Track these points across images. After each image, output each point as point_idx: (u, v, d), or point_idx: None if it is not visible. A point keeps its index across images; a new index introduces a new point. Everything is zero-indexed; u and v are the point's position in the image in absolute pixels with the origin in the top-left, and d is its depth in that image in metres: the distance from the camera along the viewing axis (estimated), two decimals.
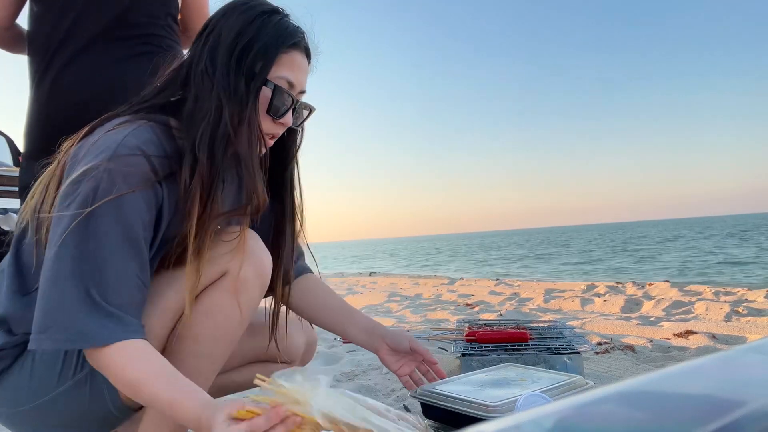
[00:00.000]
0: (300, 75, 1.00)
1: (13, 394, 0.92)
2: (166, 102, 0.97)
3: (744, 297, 4.30)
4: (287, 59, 0.97)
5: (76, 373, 0.91)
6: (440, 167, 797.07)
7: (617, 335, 2.79)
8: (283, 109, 0.99)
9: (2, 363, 0.92)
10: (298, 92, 1.02)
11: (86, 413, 0.94)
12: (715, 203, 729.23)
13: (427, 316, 4.08)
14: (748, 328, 2.73)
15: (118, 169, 0.84)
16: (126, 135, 0.87)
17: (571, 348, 1.69)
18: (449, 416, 1.18)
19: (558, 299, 4.74)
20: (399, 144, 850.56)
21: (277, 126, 1.01)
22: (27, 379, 0.92)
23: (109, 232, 0.83)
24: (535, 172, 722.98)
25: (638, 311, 3.98)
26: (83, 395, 0.92)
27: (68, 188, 0.84)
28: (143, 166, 0.87)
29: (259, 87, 0.95)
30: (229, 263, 0.95)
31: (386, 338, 1.23)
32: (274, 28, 0.96)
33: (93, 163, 0.84)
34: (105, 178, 0.83)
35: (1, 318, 0.93)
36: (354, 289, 7.02)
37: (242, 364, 1.28)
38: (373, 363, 2.20)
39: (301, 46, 1.00)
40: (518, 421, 0.28)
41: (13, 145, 4.11)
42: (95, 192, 0.83)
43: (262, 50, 0.95)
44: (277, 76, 0.97)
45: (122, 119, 0.92)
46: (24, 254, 0.95)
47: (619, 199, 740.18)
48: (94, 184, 0.83)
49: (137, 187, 0.85)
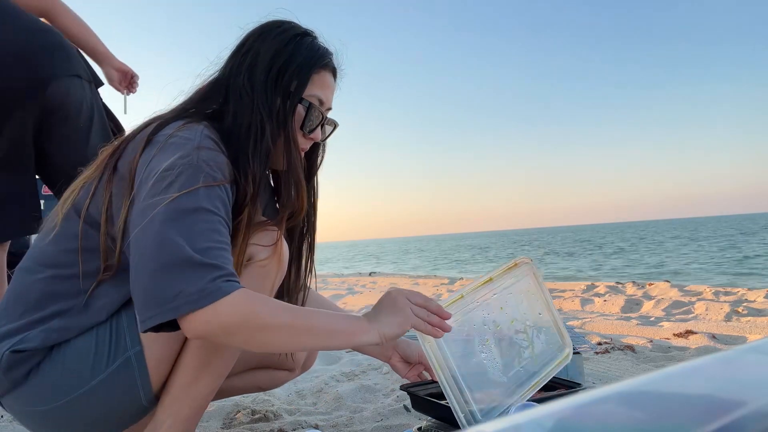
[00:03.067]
0: (328, 93, 1.09)
1: (45, 391, 0.93)
2: (207, 111, 1.02)
3: (744, 297, 4.30)
4: (318, 79, 1.06)
5: (109, 364, 0.92)
6: (441, 167, 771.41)
7: (617, 335, 2.79)
8: (315, 125, 1.07)
9: (35, 359, 0.92)
10: (326, 109, 1.09)
11: (118, 405, 0.95)
12: (717, 203, 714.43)
13: None
14: (748, 328, 2.73)
15: (207, 158, 0.88)
16: (202, 129, 0.92)
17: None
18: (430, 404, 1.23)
19: (558, 299, 4.74)
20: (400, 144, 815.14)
21: (307, 141, 1.08)
22: (59, 374, 0.92)
23: (206, 209, 0.85)
24: (535, 172, 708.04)
25: (638, 311, 3.98)
26: (117, 386, 0.93)
27: (161, 174, 0.86)
28: (226, 161, 0.92)
29: (296, 105, 1.03)
30: (258, 251, 0.99)
31: (398, 348, 1.30)
32: (308, 50, 1.04)
33: (183, 151, 0.88)
34: (196, 164, 0.87)
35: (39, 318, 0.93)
36: (354, 289, 7.01)
37: (244, 370, 1.28)
38: (373, 363, 2.20)
39: (330, 66, 1.08)
40: (518, 421, 0.28)
41: None
42: (189, 174, 0.86)
43: (297, 71, 1.02)
44: (310, 94, 1.05)
45: (182, 121, 0.95)
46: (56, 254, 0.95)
47: (621, 200, 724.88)
48: (187, 167, 0.86)
49: (225, 180, 0.90)
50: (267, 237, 1.00)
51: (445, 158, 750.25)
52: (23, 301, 0.93)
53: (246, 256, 0.97)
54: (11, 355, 0.90)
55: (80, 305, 0.93)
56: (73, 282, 0.93)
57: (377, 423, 1.44)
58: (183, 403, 0.96)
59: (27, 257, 0.98)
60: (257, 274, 0.99)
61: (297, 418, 1.51)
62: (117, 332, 0.93)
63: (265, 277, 1.01)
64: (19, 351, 0.90)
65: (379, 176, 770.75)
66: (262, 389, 1.37)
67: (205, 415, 1.53)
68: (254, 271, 0.99)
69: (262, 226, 1.01)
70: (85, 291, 0.93)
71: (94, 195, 0.94)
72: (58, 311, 0.92)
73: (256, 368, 1.31)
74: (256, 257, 0.99)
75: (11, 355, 0.90)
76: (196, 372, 0.96)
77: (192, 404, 0.97)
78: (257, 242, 0.99)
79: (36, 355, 0.92)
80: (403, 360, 1.29)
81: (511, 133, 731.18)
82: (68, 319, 0.92)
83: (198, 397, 0.97)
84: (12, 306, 0.94)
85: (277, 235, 1.01)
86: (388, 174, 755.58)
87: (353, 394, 1.76)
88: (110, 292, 0.94)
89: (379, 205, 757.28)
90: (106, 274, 0.93)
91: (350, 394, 1.76)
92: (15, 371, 0.91)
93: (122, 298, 0.95)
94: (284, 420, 1.49)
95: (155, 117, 1.01)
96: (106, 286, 0.94)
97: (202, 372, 0.96)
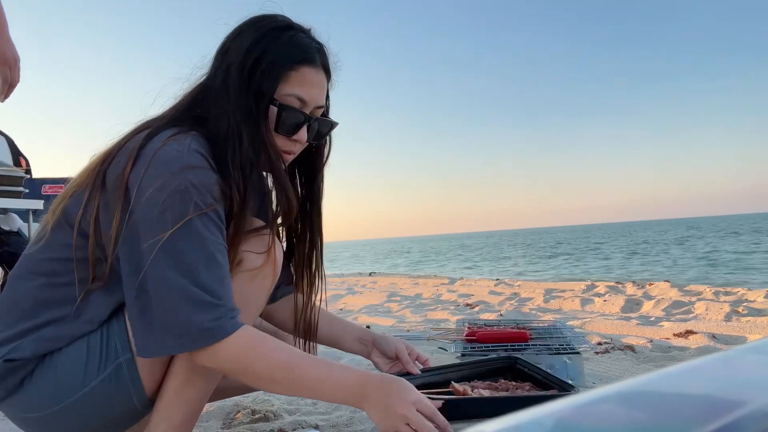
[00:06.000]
0: (312, 91, 0.99)
1: (39, 398, 0.93)
2: (192, 117, 0.98)
3: (744, 297, 4.30)
4: (297, 76, 0.97)
5: (100, 372, 0.92)
6: (443, 167, 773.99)
7: (617, 335, 2.79)
8: (294, 127, 0.99)
9: (27, 368, 0.92)
10: (315, 108, 1.01)
11: (111, 411, 0.95)
12: (721, 202, 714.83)
13: (427, 315, 4.08)
14: (748, 328, 2.73)
15: (196, 180, 0.86)
16: (189, 143, 0.89)
17: (571, 348, 1.69)
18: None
19: (558, 299, 4.74)
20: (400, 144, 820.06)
21: (292, 143, 1.01)
22: (52, 382, 0.92)
23: (202, 238, 0.86)
24: (537, 172, 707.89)
25: (638, 311, 3.98)
26: (110, 393, 0.93)
27: (151, 198, 0.85)
28: (216, 180, 0.90)
29: (267, 106, 0.96)
30: (251, 257, 0.98)
31: (376, 344, 1.29)
32: (283, 45, 0.96)
33: (171, 174, 0.86)
34: (187, 190, 0.85)
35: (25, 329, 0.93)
36: (354, 289, 7.01)
37: None
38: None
39: (313, 61, 0.99)
40: (518, 421, 0.28)
41: (14, 145, 4.11)
42: (181, 202, 0.85)
43: (268, 68, 0.95)
44: (286, 93, 0.97)
45: (171, 131, 0.92)
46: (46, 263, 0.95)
47: (625, 199, 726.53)
48: (180, 199, 0.85)
49: (214, 204, 0.88)
50: (259, 243, 0.98)
51: (448, 158, 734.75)
52: (17, 308, 0.93)
53: (238, 261, 0.96)
54: (4, 364, 0.91)
55: (72, 314, 0.92)
56: (66, 290, 0.93)
57: None
58: (176, 408, 0.95)
59: (19, 265, 0.97)
60: (251, 281, 0.98)
61: (297, 418, 1.51)
62: (108, 340, 0.93)
63: (259, 285, 0.99)
64: (11, 360, 0.91)
65: (379, 176, 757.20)
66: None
67: (205, 415, 1.53)
68: (248, 278, 0.97)
69: (254, 232, 0.98)
70: (77, 299, 0.93)
71: (86, 206, 0.92)
72: (51, 319, 0.92)
73: None
74: (250, 264, 0.97)
75: (4, 364, 0.91)
76: (188, 376, 0.95)
77: (185, 408, 0.96)
78: (250, 249, 0.97)
79: (29, 363, 0.92)
80: (383, 355, 1.28)
81: (512, 133, 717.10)
82: (60, 328, 0.92)
83: (191, 401, 0.97)
84: (6, 314, 0.94)
85: (269, 240, 0.99)
86: (388, 174, 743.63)
87: None
88: (101, 300, 0.94)
89: (380, 205, 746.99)
90: (96, 284, 0.92)
91: None
92: (8, 380, 0.92)
93: (113, 306, 0.94)
94: (284, 420, 1.49)
95: (144, 124, 0.98)
96: (97, 295, 0.93)
97: (194, 376, 0.95)
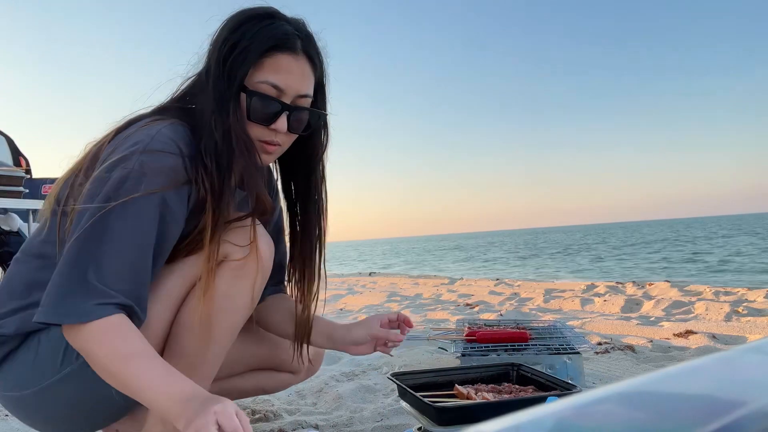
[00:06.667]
0: (291, 79, 0.97)
1: (18, 376, 0.94)
2: (184, 108, 1.00)
3: (744, 297, 4.30)
4: (271, 63, 0.96)
5: (78, 356, 0.91)
6: (444, 167, 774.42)
7: (617, 335, 2.79)
8: (271, 116, 0.97)
9: (9, 345, 0.95)
10: (296, 97, 0.99)
11: (89, 398, 0.95)
12: (720, 202, 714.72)
13: (427, 315, 4.07)
14: (748, 328, 2.73)
15: (149, 163, 0.87)
16: (161, 129, 0.90)
17: (571, 348, 1.69)
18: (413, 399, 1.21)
19: (558, 299, 4.73)
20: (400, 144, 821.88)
21: (271, 133, 0.99)
22: (31, 361, 0.93)
23: (123, 227, 0.85)
24: (538, 172, 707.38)
25: (638, 311, 3.98)
26: (86, 378, 0.92)
27: (100, 173, 0.88)
28: (176, 164, 0.90)
29: (237, 93, 0.95)
30: (234, 250, 0.97)
31: (347, 339, 1.23)
32: (259, 32, 0.95)
33: (126, 152, 0.87)
34: (136, 170, 0.86)
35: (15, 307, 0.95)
36: (354, 289, 7.01)
37: (247, 371, 1.28)
38: (374, 363, 2.20)
39: (291, 48, 0.97)
40: (518, 421, 0.28)
41: (14, 145, 4.11)
42: (123, 183, 0.86)
43: (242, 56, 0.94)
44: (260, 80, 0.95)
45: (155, 117, 0.95)
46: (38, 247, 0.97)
47: (625, 199, 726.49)
48: (124, 174, 0.86)
49: (164, 187, 0.88)
50: (241, 235, 0.98)
51: (448, 158, 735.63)
52: (11, 288, 0.96)
53: (221, 254, 0.96)
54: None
55: None
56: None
57: (377, 423, 1.44)
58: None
59: (21, 248, 1.01)
60: (233, 273, 0.97)
61: (297, 418, 1.51)
62: None
63: (242, 277, 0.98)
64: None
65: (377, 175, 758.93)
66: (266, 392, 1.36)
67: None
68: (230, 270, 0.97)
69: (236, 224, 0.98)
70: None
71: (71, 188, 0.94)
72: (39, 300, 0.92)
73: (258, 369, 1.30)
74: (231, 256, 0.97)
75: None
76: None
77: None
78: (231, 240, 0.97)
79: (12, 340, 0.94)
80: (358, 344, 1.24)
81: (512, 132, 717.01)
82: None
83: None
84: (1, 293, 0.97)
85: (251, 232, 0.99)
86: (388, 173, 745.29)
87: (353, 394, 1.76)
88: None
89: (380, 205, 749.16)
90: None
91: (350, 394, 1.76)
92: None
93: None
94: (284, 420, 1.49)
95: (137, 116, 0.99)
96: None
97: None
